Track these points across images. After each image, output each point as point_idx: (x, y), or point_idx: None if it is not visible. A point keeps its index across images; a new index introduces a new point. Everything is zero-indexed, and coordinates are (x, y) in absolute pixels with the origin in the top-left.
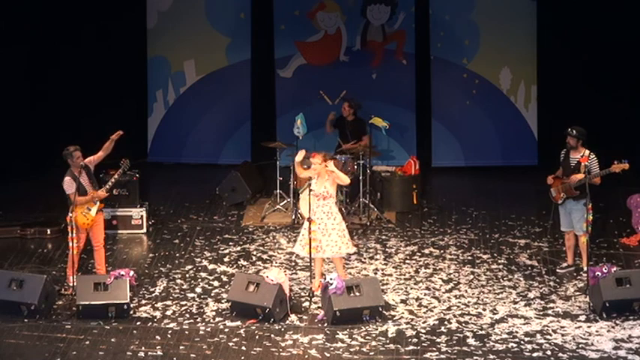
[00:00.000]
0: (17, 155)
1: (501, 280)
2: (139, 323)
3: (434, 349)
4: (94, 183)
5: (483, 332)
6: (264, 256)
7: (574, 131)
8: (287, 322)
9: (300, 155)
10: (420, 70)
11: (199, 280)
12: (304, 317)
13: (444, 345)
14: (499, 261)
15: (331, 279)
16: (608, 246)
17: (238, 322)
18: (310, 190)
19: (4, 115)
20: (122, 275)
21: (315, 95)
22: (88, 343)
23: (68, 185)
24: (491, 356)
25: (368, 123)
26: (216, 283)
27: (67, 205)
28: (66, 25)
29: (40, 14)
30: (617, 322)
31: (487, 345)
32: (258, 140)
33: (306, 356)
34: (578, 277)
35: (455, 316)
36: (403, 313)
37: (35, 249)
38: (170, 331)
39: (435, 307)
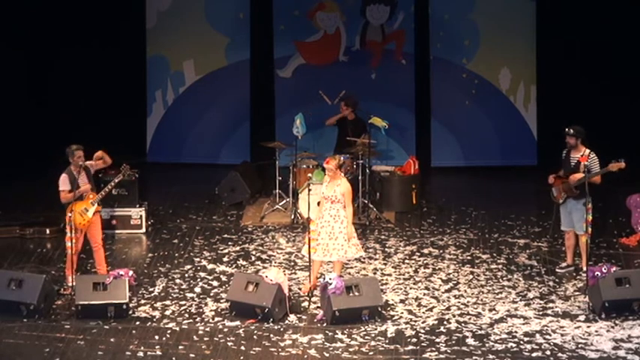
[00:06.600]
0: (17, 155)
1: (501, 280)
2: (138, 323)
3: (433, 349)
4: (93, 186)
5: (483, 332)
6: (264, 256)
7: (571, 130)
8: (286, 321)
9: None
10: (420, 70)
11: (198, 279)
12: (303, 317)
13: (444, 345)
14: (498, 261)
15: (330, 279)
16: (608, 246)
17: (237, 322)
18: (309, 190)
19: (4, 115)
20: (121, 275)
21: (314, 95)
22: (86, 342)
23: (62, 181)
24: (491, 356)
25: (367, 123)
26: (215, 283)
27: (65, 204)
28: (65, 24)
29: (39, 14)
30: (617, 322)
31: (486, 345)
32: (257, 140)
33: (305, 356)
34: (578, 277)
35: (454, 315)
36: (402, 312)
37: (34, 249)
38: (169, 331)
39: (434, 307)
